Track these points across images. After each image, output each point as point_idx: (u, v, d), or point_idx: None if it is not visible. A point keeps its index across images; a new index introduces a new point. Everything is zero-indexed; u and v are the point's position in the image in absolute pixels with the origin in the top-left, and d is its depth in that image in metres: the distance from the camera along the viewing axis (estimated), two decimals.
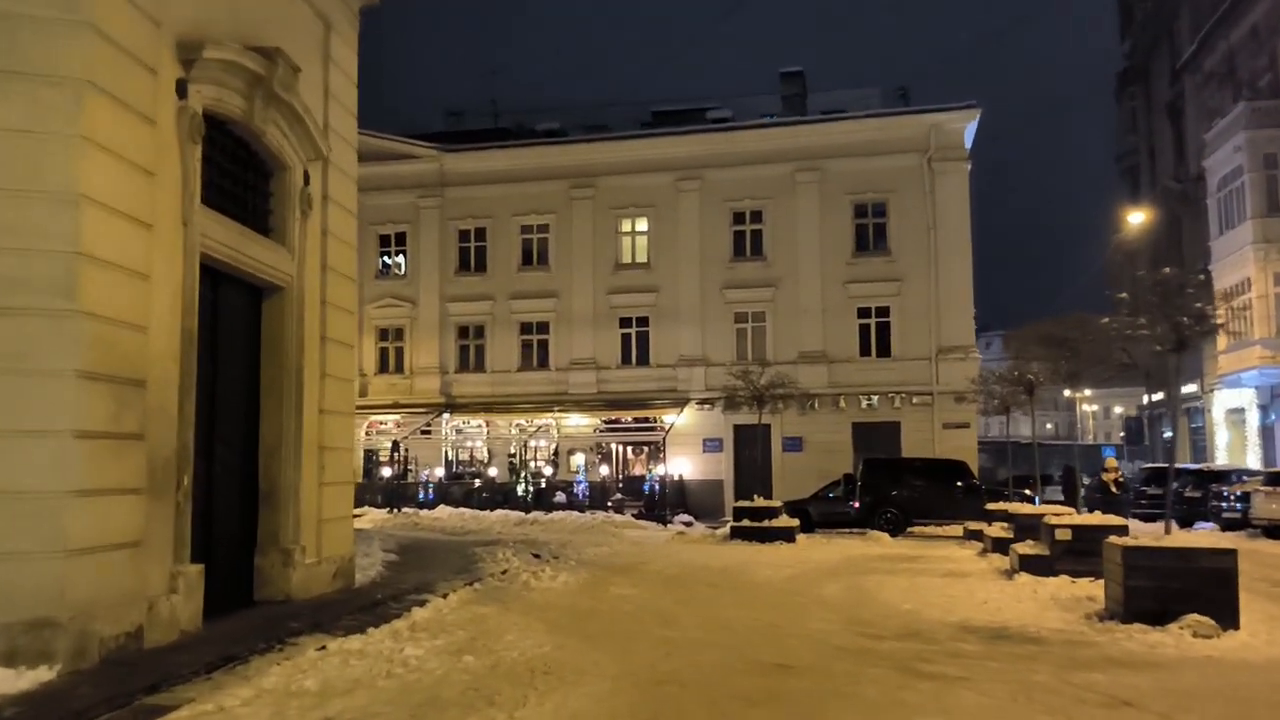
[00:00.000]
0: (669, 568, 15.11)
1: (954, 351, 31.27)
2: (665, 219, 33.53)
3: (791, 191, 32.75)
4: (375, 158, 34.81)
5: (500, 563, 13.94)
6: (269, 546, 9.18)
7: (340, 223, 10.54)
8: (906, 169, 32.09)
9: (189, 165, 7.56)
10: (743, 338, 32.68)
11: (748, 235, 33.15)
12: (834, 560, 16.93)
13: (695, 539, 21.69)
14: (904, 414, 31.35)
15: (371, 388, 34.78)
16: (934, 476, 25.06)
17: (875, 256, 32.19)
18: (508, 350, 34.22)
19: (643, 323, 33.45)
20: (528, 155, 34.66)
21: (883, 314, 31.97)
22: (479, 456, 34.66)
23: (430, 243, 35.05)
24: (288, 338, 9.39)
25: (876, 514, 24.20)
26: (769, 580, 13.60)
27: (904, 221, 32.04)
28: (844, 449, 30.98)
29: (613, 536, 20.89)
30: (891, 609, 10.81)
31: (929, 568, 15.60)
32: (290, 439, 9.33)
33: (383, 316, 35.25)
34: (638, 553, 17.86)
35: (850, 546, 20.14)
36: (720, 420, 31.96)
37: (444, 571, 12.91)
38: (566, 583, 12.51)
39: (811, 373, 31.08)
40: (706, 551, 18.51)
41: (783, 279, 32.51)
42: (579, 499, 30.28)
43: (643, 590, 12.08)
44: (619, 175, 33.81)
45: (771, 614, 10.25)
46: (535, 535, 21.12)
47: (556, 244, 34.28)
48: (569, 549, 17.24)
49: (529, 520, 24.31)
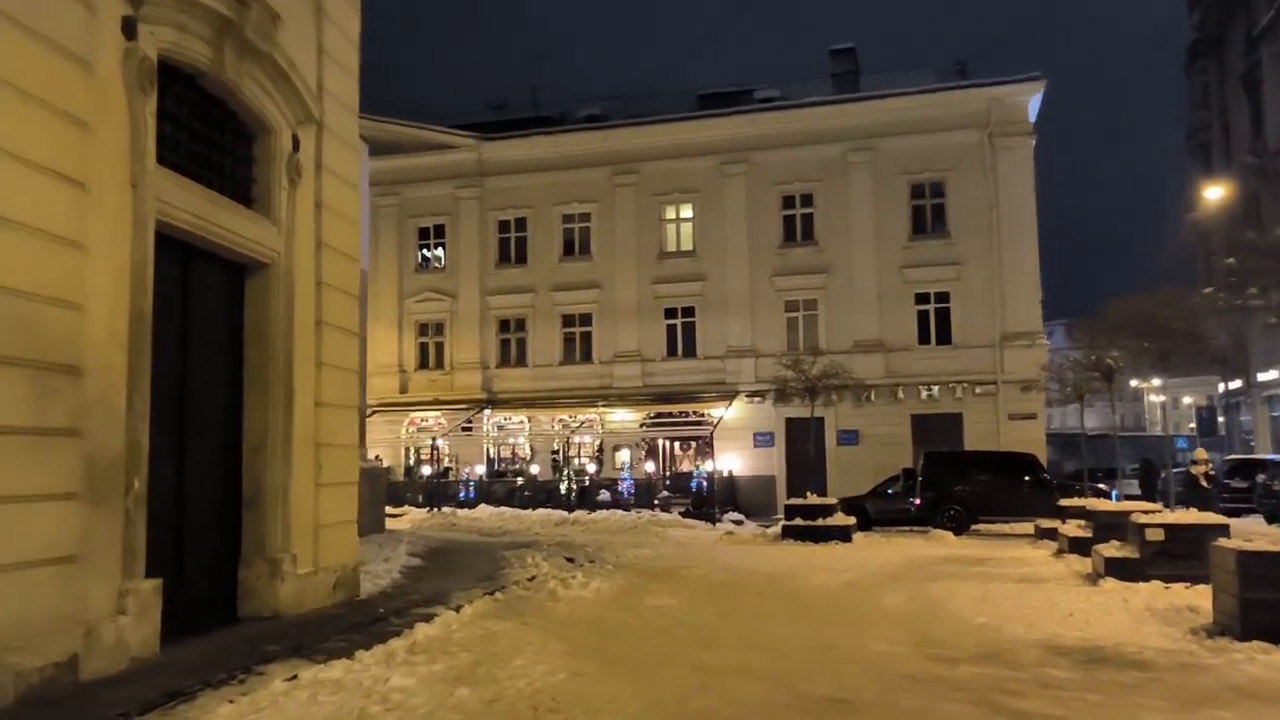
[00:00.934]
0: (713, 573, 13.87)
1: (1020, 338, 29.59)
2: (711, 205, 32.24)
3: (844, 173, 31.27)
4: (413, 149, 34.20)
5: (529, 568, 12.82)
6: (254, 556, 8.12)
7: (338, 195, 9.44)
8: (966, 146, 30.48)
9: (139, 119, 6.50)
10: (794, 327, 31.28)
11: (798, 220, 31.73)
12: (895, 563, 15.58)
13: (744, 539, 20.42)
14: (966, 405, 29.74)
15: (412, 384, 34.01)
16: (1001, 471, 23.51)
17: (934, 239, 30.60)
18: (550, 344, 33.17)
19: (689, 313, 32.19)
20: (568, 142, 33.57)
21: (942, 300, 30.39)
22: (521, 453, 33.65)
23: (470, 234, 34.12)
24: (274, 321, 8.31)
25: (939, 511, 22.82)
26: (823, 588, 12.31)
27: (964, 202, 30.42)
28: (902, 442, 29.48)
29: (656, 537, 19.69)
30: (964, 623, 9.47)
31: (1001, 572, 14.19)
32: (278, 435, 8.26)
33: (423, 311, 34.41)
34: (681, 555, 16.65)
35: (911, 547, 18.76)
36: (771, 413, 30.63)
37: (465, 578, 11.81)
38: (598, 591, 11.33)
39: (867, 363, 29.59)
40: (756, 553, 17.24)
41: (835, 265, 31.05)
42: (624, 497, 29.18)
43: (681, 600, 10.86)
44: (663, 160, 32.59)
45: (826, 630, 8.98)
46: (574, 536, 19.99)
47: (599, 233, 33.16)
48: (607, 551, 16.08)
49: (570, 520, 23.22)
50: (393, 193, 34.63)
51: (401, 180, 34.56)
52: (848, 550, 17.94)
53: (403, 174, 34.52)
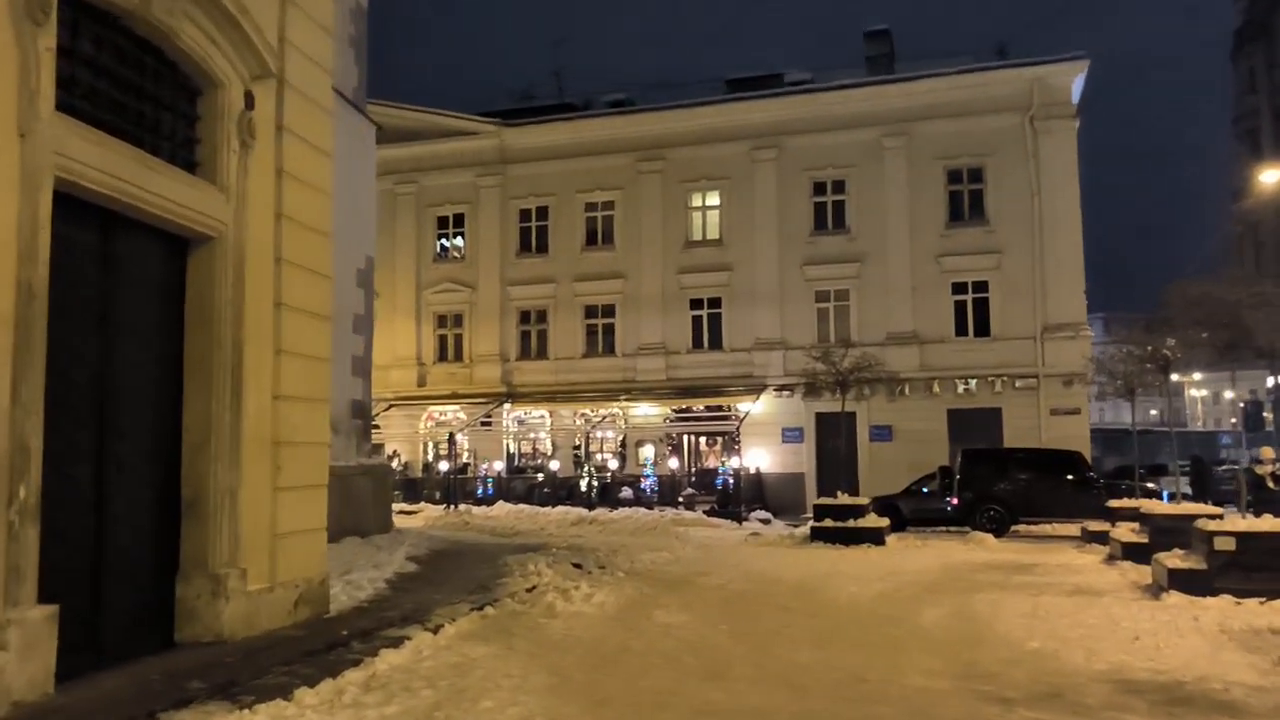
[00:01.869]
0: (734, 581, 12.72)
1: (1062, 330, 28.14)
2: (739, 192, 31.01)
3: (878, 158, 29.93)
4: (432, 136, 33.27)
5: (530, 576, 11.72)
6: (193, 572, 7.06)
7: (305, 162, 8.36)
8: (1006, 129, 29.05)
9: (29, 54, 5.45)
10: (824, 318, 29.99)
11: (829, 207, 30.42)
12: (932, 570, 14.35)
13: (771, 541, 19.24)
14: (1005, 399, 28.34)
15: (430, 377, 33.08)
16: (1043, 469, 22.16)
17: (972, 227, 29.20)
18: (571, 336, 32.08)
19: (715, 304, 30.99)
20: (592, 127, 32.45)
21: (980, 290, 28.99)
22: (541, 449, 32.62)
23: (490, 223, 33.10)
24: (219, 303, 7.24)
25: (977, 511, 21.56)
26: (854, 600, 11.11)
27: (1003, 187, 29.00)
28: (938, 438, 28.16)
29: (676, 539, 18.55)
30: (1014, 648, 8.26)
31: (1050, 581, 12.92)
32: (223, 432, 7.19)
33: (441, 302, 33.44)
34: (701, 560, 15.50)
35: (949, 550, 17.50)
36: (800, 408, 29.38)
37: (458, 589, 10.73)
38: (602, 605, 10.21)
39: (901, 355, 28.26)
40: (782, 557, 16.05)
41: (868, 254, 29.73)
42: (646, 494, 28.12)
43: (694, 617, 9.71)
44: (689, 146, 31.39)
45: (856, 657, 7.80)
46: (590, 538, 18.90)
47: (623, 222, 32.01)
48: (621, 555, 14.96)
49: (588, 519, 22.13)
50: (411, 181, 33.68)
51: (420, 168, 33.61)
52: (881, 554, 16.72)
53: (421, 161, 33.56)
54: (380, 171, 33.36)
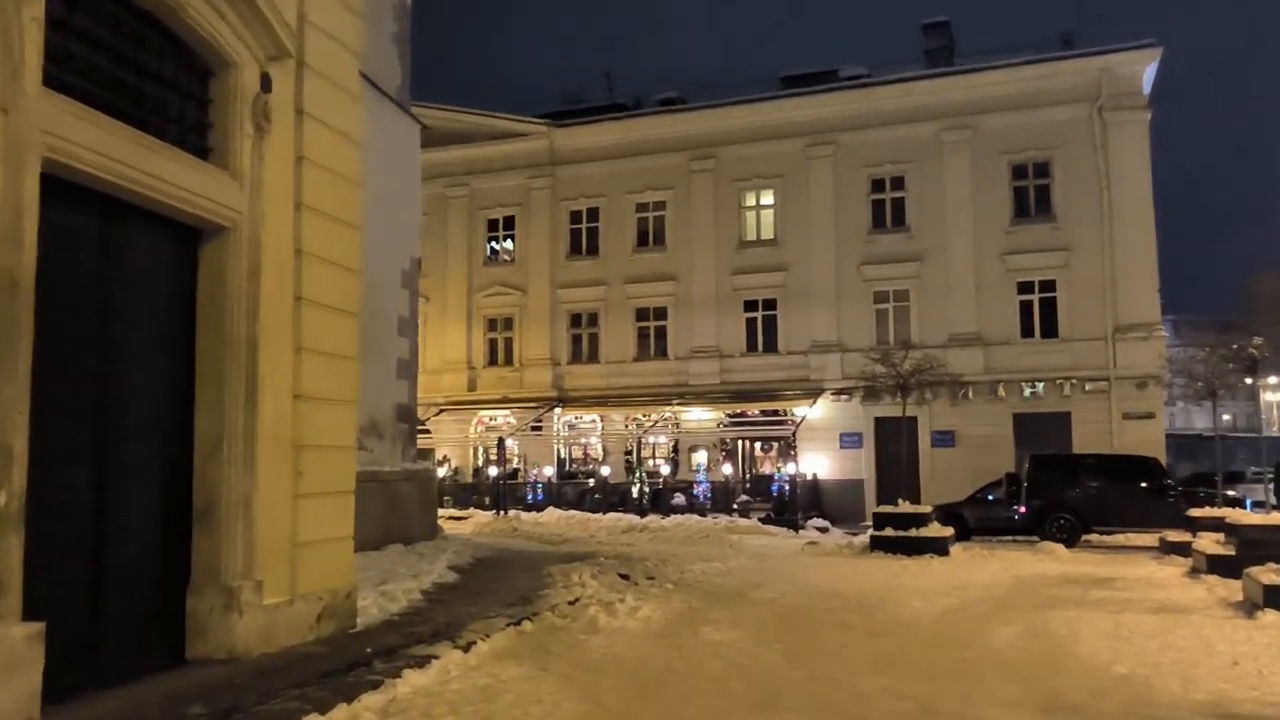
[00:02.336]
0: (789, 594, 12.01)
1: (1135, 330, 26.94)
2: (794, 190, 30.24)
3: (938, 153, 28.98)
4: (482, 138, 33.02)
5: (574, 588, 11.13)
6: (205, 584, 6.57)
7: (328, 149, 7.86)
8: (1073, 122, 27.94)
9: (12, 25, 4.99)
10: (883, 320, 29.08)
11: (888, 204, 29.52)
12: (1001, 583, 13.51)
13: (828, 550, 18.47)
14: (1075, 403, 27.20)
15: (481, 381, 32.76)
16: (1117, 476, 21.12)
17: (1038, 223, 28.11)
18: (623, 339, 31.53)
19: (770, 306, 30.23)
20: (643, 126, 31.90)
21: (1048, 289, 27.88)
22: (593, 454, 32.09)
23: (540, 226, 32.69)
24: (233, 296, 6.75)
25: (1047, 520, 20.67)
26: (918, 617, 10.36)
27: (1071, 182, 27.89)
28: (1003, 444, 27.14)
29: (729, 548, 17.86)
30: (1099, 675, 7.47)
31: (1131, 597, 12.02)
32: (237, 434, 6.70)
33: (491, 306, 33.10)
34: (755, 570, 14.81)
35: (1018, 562, 16.60)
36: (859, 412, 28.52)
37: (496, 602, 10.17)
38: (648, 620, 9.58)
39: (964, 358, 27.25)
40: (840, 569, 15.28)
41: (929, 252, 28.77)
42: (699, 501, 27.45)
43: (745, 634, 9.04)
44: (742, 144, 30.70)
45: (923, 683, 7.08)
46: (640, 546, 18.30)
47: (674, 222, 31.41)
48: (671, 565, 14.32)
49: (638, 527, 21.51)
50: (462, 184, 33.43)
51: (471, 171, 33.34)
52: (945, 566, 15.88)
53: (472, 164, 33.28)
54: (431, 175, 33.37)
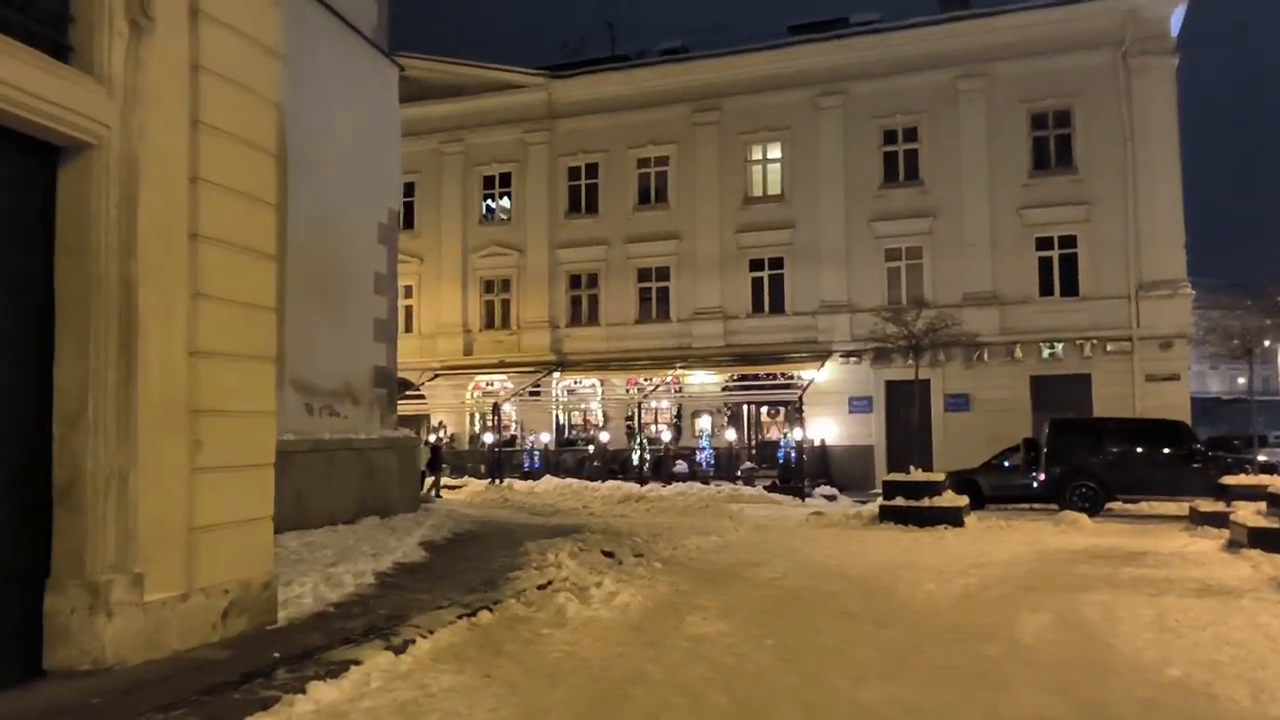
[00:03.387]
0: (789, 573, 10.88)
1: (1159, 288, 25.60)
2: (802, 143, 28.83)
3: (953, 103, 27.51)
4: (477, 90, 31.71)
5: (547, 569, 10.00)
6: (66, 578, 5.42)
7: (233, 58, 6.58)
8: (1096, 68, 26.44)
9: None
10: (895, 278, 27.76)
11: (900, 157, 28.10)
12: (1023, 559, 12.36)
13: (835, 520, 17.34)
14: (1095, 365, 25.90)
15: (477, 345, 31.62)
16: (1143, 441, 19.87)
17: (1058, 176, 26.68)
18: (624, 300, 30.29)
19: (777, 264, 28.93)
20: (644, 77, 30.46)
21: (1068, 245, 26.51)
22: (593, 420, 30.97)
23: (538, 183, 31.36)
24: (99, 227, 5.56)
25: (1067, 488, 19.51)
26: (932, 602, 9.21)
27: (1093, 132, 26.42)
28: (1020, 408, 25.92)
29: (730, 520, 16.73)
30: (1150, 677, 6.32)
31: (1168, 576, 10.85)
32: (107, 395, 5.52)
33: (488, 267, 31.87)
34: (754, 545, 13.69)
35: (1039, 534, 15.47)
36: (869, 375, 27.30)
37: (457, 586, 9.07)
38: (625, 608, 8.46)
39: (979, 317, 25.97)
40: (847, 542, 14.14)
41: (943, 207, 27.39)
42: (702, 468, 26.41)
43: (735, 625, 7.91)
44: (748, 95, 29.27)
45: (941, 692, 5.93)
46: (634, 518, 17.20)
47: (677, 178, 30.06)
48: (662, 540, 13.19)
49: (636, 496, 20.42)
50: (456, 139, 32.10)
51: (465, 125, 31.99)
52: (960, 538, 14.72)
53: (466, 118, 31.92)
54: (424, 130, 32.16)
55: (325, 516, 14.15)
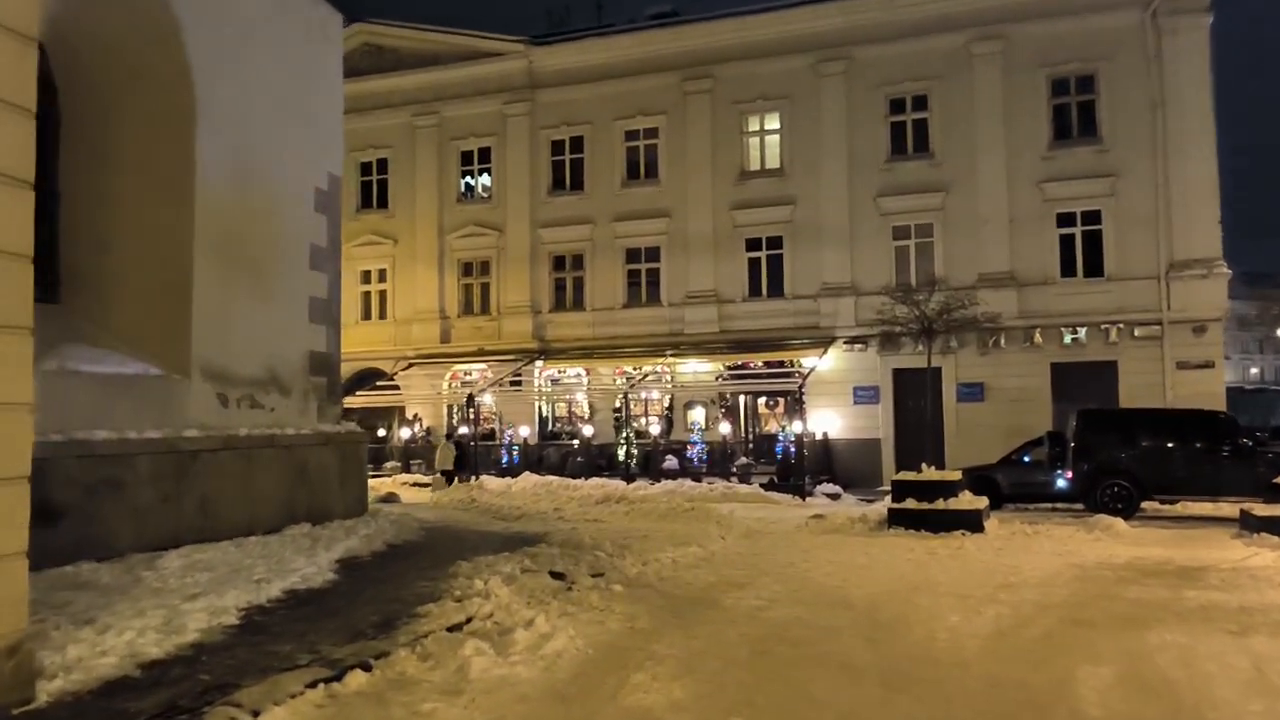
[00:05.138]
0: (778, 599, 8.83)
1: (1192, 267, 23.50)
2: (803, 113, 26.70)
3: (966, 68, 25.37)
4: (453, 59, 29.66)
5: (471, 599, 7.95)
6: None
7: None
8: (1122, 29, 24.34)
9: None
10: (903, 258, 25.65)
11: (909, 127, 25.97)
12: (1059, 576, 10.31)
13: (838, 524, 15.28)
14: (1122, 351, 23.81)
15: (455, 331, 29.56)
16: (1182, 435, 17.82)
17: (1080, 146, 24.54)
18: (611, 283, 28.21)
19: (775, 244, 26.82)
20: (631, 43, 28.34)
21: (1091, 221, 24.40)
22: (578, 411, 28.90)
23: (519, 158, 29.27)
24: None
25: (1098, 487, 17.55)
26: (958, 644, 7.14)
27: (1119, 99, 24.30)
28: (1039, 398, 23.91)
29: (715, 525, 14.67)
30: None
31: (1245, 603, 8.77)
32: None
33: (466, 248, 29.80)
34: (742, 558, 11.64)
35: (1071, 542, 13.43)
36: (875, 363, 25.23)
37: (340, 629, 7.01)
38: (554, 660, 6.39)
39: (996, 300, 23.66)
40: (850, 554, 12.06)
41: (956, 182, 25.27)
42: (694, 464, 24.42)
43: (697, 687, 5.85)
44: (743, 61, 27.15)
45: None
46: (607, 523, 15.17)
47: (668, 151, 27.96)
48: (632, 553, 11.14)
49: (617, 496, 18.37)
50: (430, 112, 30.02)
51: (441, 97, 29.90)
52: (982, 549, 12.63)
53: (442, 89, 29.84)
54: (397, 102, 30.08)
55: (240, 526, 12.11)
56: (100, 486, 10.26)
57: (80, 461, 10.05)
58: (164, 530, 10.98)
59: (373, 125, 30.07)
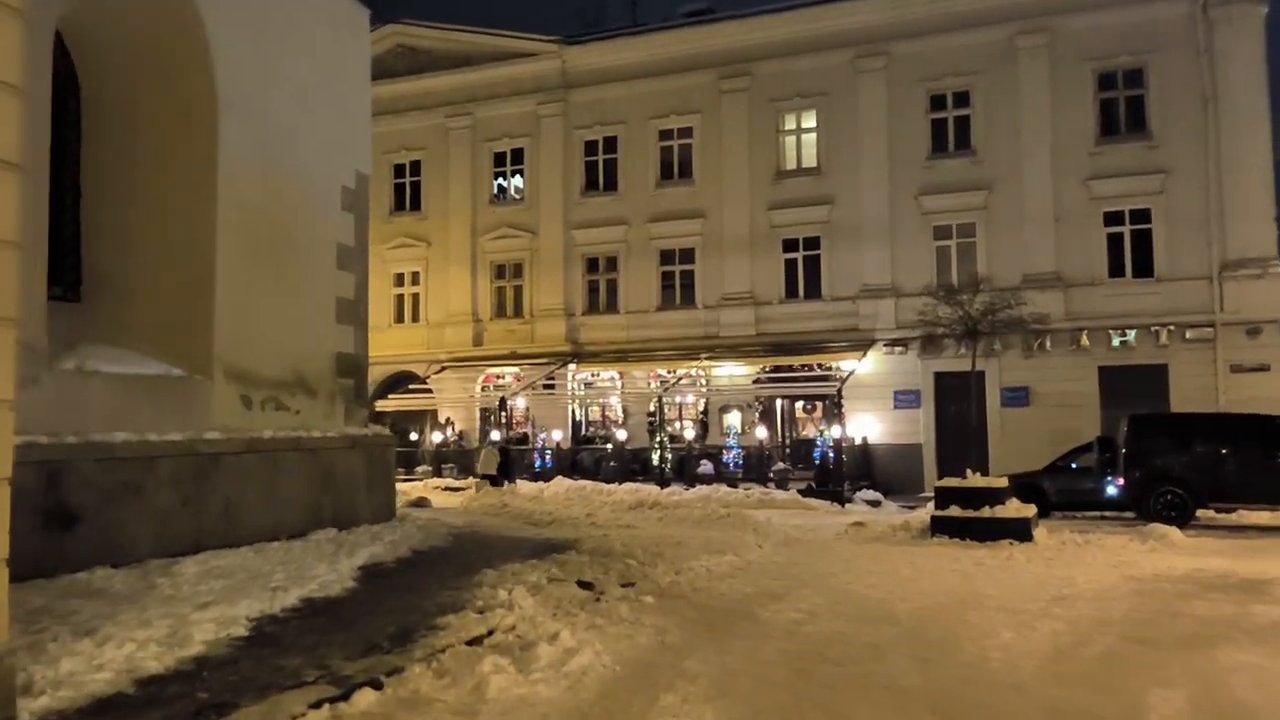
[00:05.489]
0: (819, 612, 8.35)
1: (1246, 266, 22.72)
2: (840, 110, 26.16)
3: (1010, 62, 24.72)
4: (486, 60, 29.39)
5: (495, 610, 7.55)
6: None
7: None
8: (1172, 21, 23.62)
9: None
10: (945, 259, 25.01)
11: (950, 124, 25.35)
12: (1116, 590, 9.75)
13: (879, 533, 14.75)
14: (1172, 354, 23.03)
15: (487, 335, 29.29)
16: (1240, 441, 17.11)
17: (1129, 143, 23.80)
18: (645, 285, 27.80)
19: (812, 245, 26.29)
20: (666, 41, 27.94)
21: (1140, 219, 23.65)
22: (612, 415, 28.49)
23: (552, 159, 28.97)
24: None
25: (1150, 495, 16.88)
26: (1013, 664, 6.63)
27: (1169, 93, 23.55)
28: (1086, 402, 23.19)
29: (752, 533, 14.18)
30: None
31: None
32: None
33: (498, 250, 29.53)
34: (780, 568, 11.16)
35: (1124, 552, 12.81)
36: (916, 366, 24.62)
37: (354, 640, 6.64)
38: (579, 678, 5.98)
39: (1041, 302, 23.10)
40: (893, 564, 11.54)
41: (999, 180, 24.61)
42: (730, 469, 23.92)
43: (731, 710, 5.41)
44: (780, 59, 26.68)
45: None
46: (640, 529, 14.73)
47: (703, 151, 27.53)
48: (665, 561, 10.70)
49: (650, 502, 17.92)
50: (464, 113, 29.80)
51: (474, 98, 29.68)
52: (1031, 560, 12.05)
53: (475, 90, 29.62)
54: (431, 104, 29.90)
55: (265, 531, 11.82)
56: (119, 490, 10.00)
57: (98, 465, 9.80)
58: (185, 535, 10.72)
59: (406, 127, 29.98)
